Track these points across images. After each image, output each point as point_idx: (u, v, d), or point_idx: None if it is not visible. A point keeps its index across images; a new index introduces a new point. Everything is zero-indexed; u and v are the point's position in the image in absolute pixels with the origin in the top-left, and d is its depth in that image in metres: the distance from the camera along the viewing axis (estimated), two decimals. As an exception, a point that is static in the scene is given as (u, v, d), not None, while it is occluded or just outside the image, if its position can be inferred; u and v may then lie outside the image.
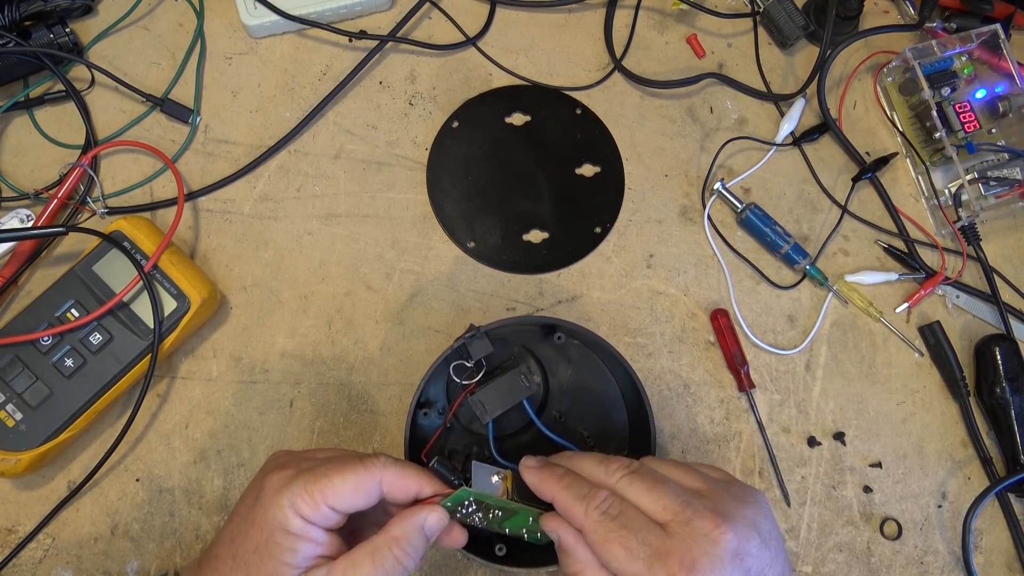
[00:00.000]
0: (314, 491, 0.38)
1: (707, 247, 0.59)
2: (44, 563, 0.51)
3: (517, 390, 0.47)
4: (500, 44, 0.62)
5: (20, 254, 0.54)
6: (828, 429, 0.57)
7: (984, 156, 0.60)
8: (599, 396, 0.52)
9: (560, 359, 0.52)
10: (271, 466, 0.41)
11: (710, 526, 0.37)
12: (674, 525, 0.37)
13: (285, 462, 0.40)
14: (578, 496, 0.39)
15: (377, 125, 0.60)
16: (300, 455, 0.42)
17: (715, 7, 0.64)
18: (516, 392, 0.47)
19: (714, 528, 0.37)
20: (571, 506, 0.39)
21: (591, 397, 0.52)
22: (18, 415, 0.49)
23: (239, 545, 0.39)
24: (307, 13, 0.59)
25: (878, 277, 0.59)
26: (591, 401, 0.52)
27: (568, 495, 0.39)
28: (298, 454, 0.42)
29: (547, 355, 0.52)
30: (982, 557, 0.55)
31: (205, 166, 0.58)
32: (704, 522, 0.37)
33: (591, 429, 0.52)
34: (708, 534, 0.37)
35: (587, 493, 0.39)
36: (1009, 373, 0.56)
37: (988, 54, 0.61)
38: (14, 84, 0.58)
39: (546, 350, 0.52)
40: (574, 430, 0.52)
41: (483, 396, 0.47)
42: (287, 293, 0.56)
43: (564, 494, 0.40)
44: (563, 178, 0.60)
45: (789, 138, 0.62)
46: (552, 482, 0.40)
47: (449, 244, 0.58)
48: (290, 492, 0.38)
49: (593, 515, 0.38)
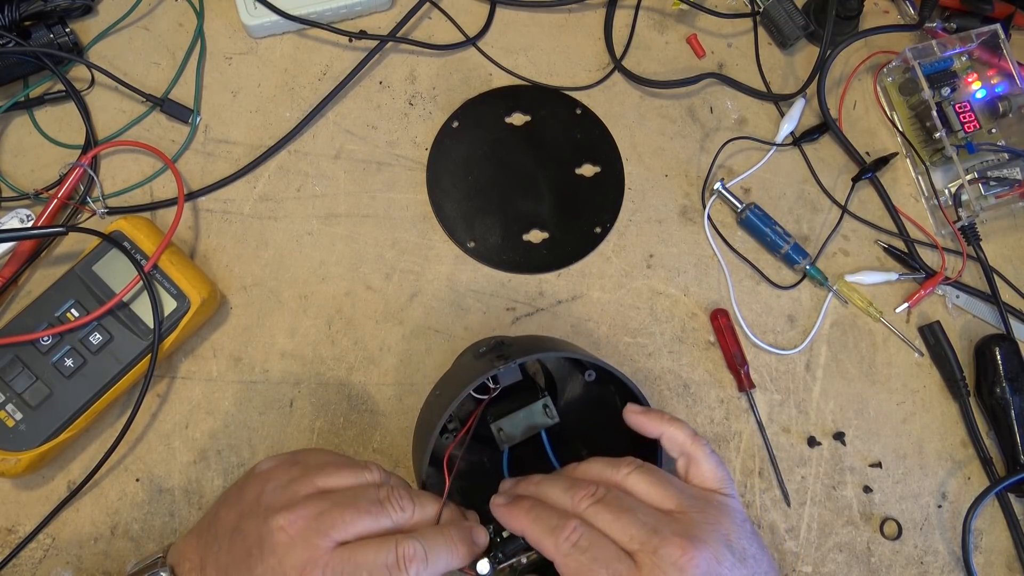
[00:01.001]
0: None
1: (707, 247, 0.59)
2: (44, 563, 0.51)
3: (538, 421, 0.47)
4: (500, 44, 0.62)
5: (20, 254, 0.54)
6: (828, 429, 0.57)
7: (984, 156, 0.60)
8: (613, 431, 0.49)
9: (583, 393, 0.51)
10: (303, 551, 0.37)
11: (677, 553, 0.37)
12: (641, 555, 0.37)
13: (318, 555, 0.37)
14: (547, 529, 0.39)
15: (377, 125, 0.60)
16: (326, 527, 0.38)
17: (715, 7, 0.64)
18: (537, 423, 0.46)
19: (681, 555, 0.37)
20: (541, 540, 0.39)
21: (604, 433, 0.50)
22: (18, 415, 0.49)
23: None
24: (307, 13, 0.59)
25: (878, 277, 0.59)
26: (604, 436, 0.50)
27: (537, 529, 0.39)
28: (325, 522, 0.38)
29: (570, 386, 0.51)
30: (982, 557, 0.55)
31: (205, 166, 0.58)
32: (671, 549, 0.37)
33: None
34: (676, 562, 0.37)
35: (555, 525, 0.39)
36: (1009, 373, 0.56)
37: (988, 54, 0.61)
38: (14, 84, 0.58)
39: (572, 382, 0.51)
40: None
41: (505, 424, 0.46)
42: (287, 293, 0.56)
43: (533, 528, 0.39)
44: (563, 178, 0.60)
45: (789, 138, 0.62)
46: (520, 516, 0.40)
47: (449, 244, 0.58)
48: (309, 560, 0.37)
49: (563, 548, 0.38)
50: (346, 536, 0.38)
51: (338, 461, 0.43)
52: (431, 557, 0.39)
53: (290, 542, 0.37)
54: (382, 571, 0.37)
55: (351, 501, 0.39)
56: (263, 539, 0.38)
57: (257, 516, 0.39)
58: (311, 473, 0.41)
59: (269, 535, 0.38)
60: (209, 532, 0.41)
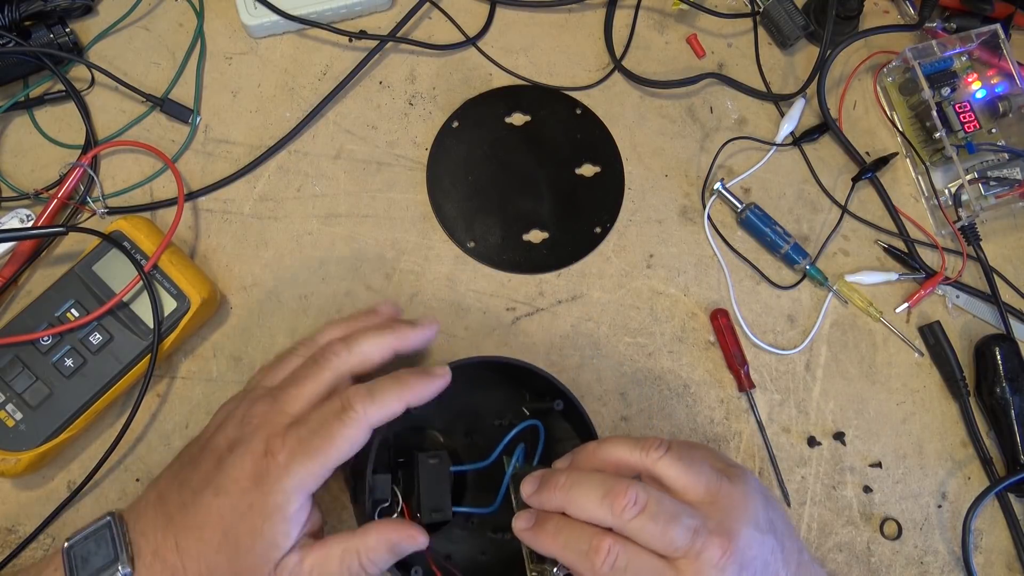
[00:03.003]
0: (317, 471, 0.39)
1: (707, 247, 0.59)
2: (44, 563, 0.51)
3: (440, 472, 0.45)
4: (500, 44, 0.62)
5: (20, 254, 0.54)
6: (828, 429, 0.57)
7: (984, 156, 0.60)
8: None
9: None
10: (263, 430, 0.41)
11: (717, 555, 0.38)
12: (683, 562, 0.38)
13: (276, 430, 0.41)
14: (580, 554, 0.38)
15: (377, 125, 0.60)
16: (280, 406, 0.42)
17: (715, 7, 0.64)
18: (441, 474, 0.45)
19: (721, 556, 0.38)
20: (576, 566, 0.38)
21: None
22: (18, 415, 0.49)
23: (231, 523, 0.39)
24: (307, 13, 0.59)
25: (878, 277, 0.59)
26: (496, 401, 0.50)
27: (570, 555, 0.39)
28: (279, 404, 0.42)
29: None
30: (982, 557, 0.55)
31: (205, 166, 0.58)
32: (712, 552, 0.38)
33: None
34: (716, 563, 0.37)
35: (588, 549, 0.38)
36: (1009, 373, 0.56)
37: (988, 54, 0.61)
38: (14, 84, 0.58)
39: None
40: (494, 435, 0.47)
41: (428, 502, 0.44)
42: (287, 293, 0.56)
43: (565, 554, 0.39)
44: (563, 178, 0.60)
45: (789, 138, 0.62)
46: (548, 541, 0.40)
47: (449, 244, 0.58)
48: (292, 478, 0.39)
49: (603, 571, 0.37)
50: (299, 406, 0.42)
51: (272, 362, 0.47)
52: (377, 393, 0.41)
53: (254, 430, 0.41)
54: (331, 419, 0.40)
55: (293, 378, 0.43)
56: (233, 440, 0.41)
57: (224, 430, 0.42)
58: (255, 384, 0.46)
59: (239, 433, 0.41)
60: (169, 471, 0.44)
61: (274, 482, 0.39)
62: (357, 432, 0.40)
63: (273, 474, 0.39)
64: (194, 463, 0.42)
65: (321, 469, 0.39)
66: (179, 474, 0.43)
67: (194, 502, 0.40)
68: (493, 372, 0.48)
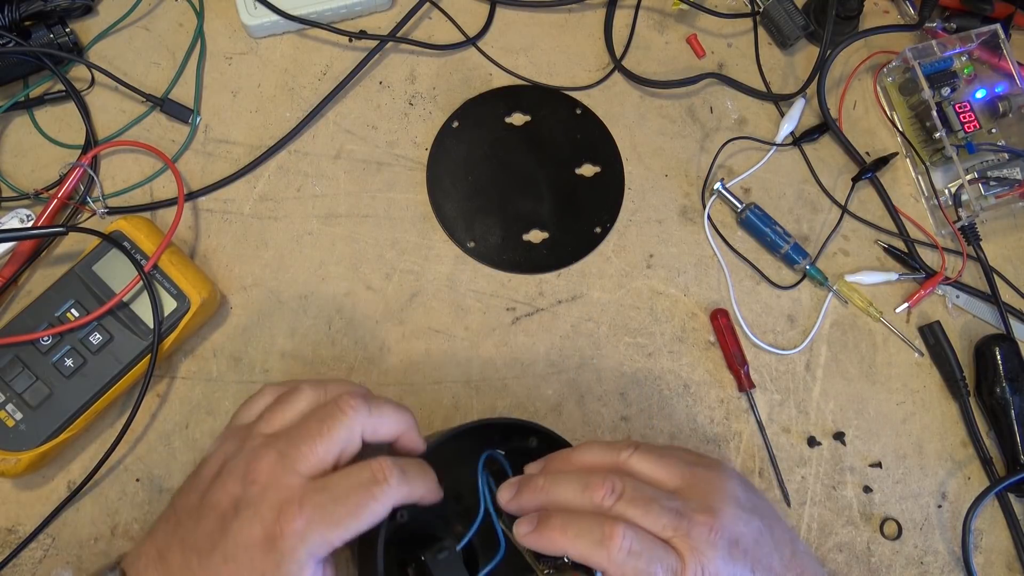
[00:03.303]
0: (334, 541, 0.37)
1: (707, 247, 0.59)
2: (44, 563, 0.51)
3: (454, 564, 0.42)
4: (500, 44, 0.62)
5: (20, 254, 0.54)
6: (828, 429, 0.57)
7: (984, 156, 0.60)
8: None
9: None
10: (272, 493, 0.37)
11: (706, 531, 0.38)
12: (676, 541, 0.38)
13: (289, 494, 0.37)
14: (594, 543, 0.38)
15: (377, 125, 0.60)
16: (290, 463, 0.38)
17: (715, 7, 0.64)
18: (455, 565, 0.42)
19: (710, 532, 0.38)
20: (591, 555, 0.38)
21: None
22: (18, 415, 0.49)
23: None
24: (307, 13, 0.59)
25: (878, 277, 0.59)
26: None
27: (582, 545, 0.38)
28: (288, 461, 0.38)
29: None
30: (982, 557, 0.55)
31: (205, 166, 0.58)
32: (700, 529, 0.38)
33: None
34: (706, 539, 0.38)
35: (602, 536, 0.38)
36: (1009, 373, 0.56)
37: (988, 54, 0.61)
38: (14, 84, 0.58)
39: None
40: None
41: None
42: (287, 293, 0.56)
43: (577, 545, 0.38)
44: (563, 178, 0.60)
45: (789, 138, 0.62)
46: (556, 537, 0.39)
47: (449, 244, 0.58)
48: (308, 547, 0.37)
49: (619, 558, 0.37)
50: (312, 465, 0.38)
51: (270, 404, 0.43)
52: (409, 474, 0.39)
53: (262, 490, 0.38)
54: (359, 491, 0.38)
55: (303, 432, 0.40)
56: (237, 498, 0.38)
57: (223, 484, 0.39)
58: (253, 428, 0.41)
59: (243, 491, 0.38)
60: (167, 524, 0.40)
61: (288, 550, 0.36)
62: (384, 508, 0.38)
63: (288, 542, 0.36)
64: (194, 519, 0.39)
65: (340, 539, 0.37)
66: (178, 530, 0.40)
67: (201, 568, 0.38)
68: (465, 436, 0.46)
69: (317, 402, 0.42)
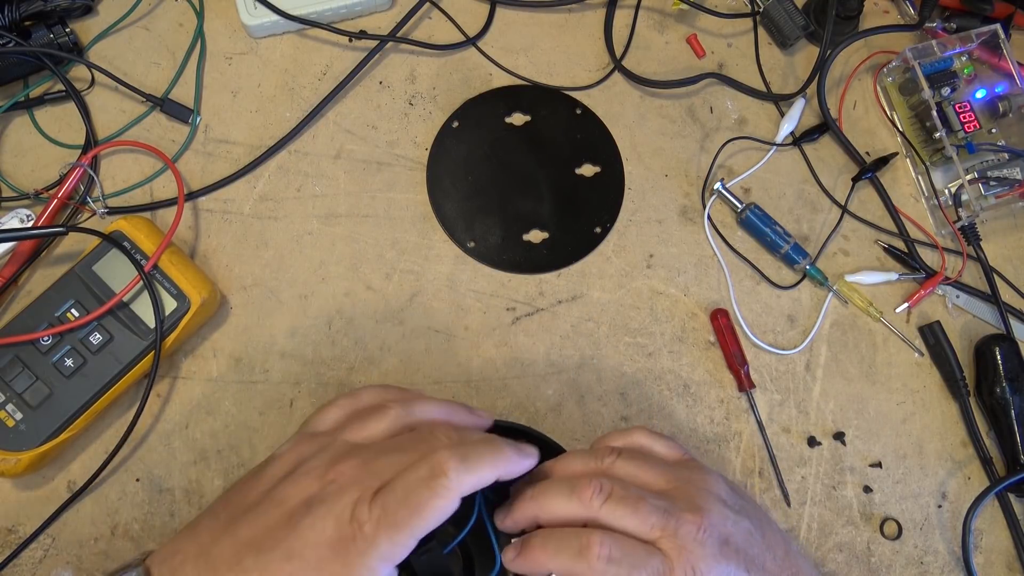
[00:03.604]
0: (404, 544, 0.35)
1: (707, 247, 0.59)
2: (44, 563, 0.51)
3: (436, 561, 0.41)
4: (500, 44, 0.62)
5: (20, 254, 0.54)
6: (828, 429, 0.57)
7: (984, 156, 0.60)
8: None
9: None
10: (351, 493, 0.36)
11: (693, 529, 0.38)
12: (663, 541, 0.38)
13: (366, 495, 0.35)
14: (573, 555, 0.37)
15: (377, 125, 0.60)
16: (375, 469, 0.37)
17: (715, 7, 0.64)
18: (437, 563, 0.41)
19: (698, 530, 0.38)
20: (573, 567, 0.37)
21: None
22: (18, 415, 0.49)
23: None
24: (307, 13, 0.59)
25: (878, 277, 0.59)
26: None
27: (563, 559, 0.37)
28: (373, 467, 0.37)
29: None
30: (982, 557, 0.55)
31: (205, 166, 0.58)
32: (688, 528, 0.38)
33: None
34: (695, 537, 0.38)
35: (579, 547, 0.37)
36: (1009, 373, 0.56)
37: (988, 54, 0.61)
38: (14, 84, 0.58)
39: None
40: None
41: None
42: (287, 293, 0.56)
43: (558, 559, 0.38)
44: (563, 178, 0.60)
45: (789, 138, 0.62)
46: (539, 556, 0.38)
47: (449, 244, 0.58)
48: (379, 553, 0.34)
49: (599, 567, 0.37)
50: (394, 474, 0.36)
51: (350, 415, 0.42)
52: (471, 460, 0.36)
53: (340, 490, 0.36)
54: (419, 488, 0.35)
55: (393, 446, 0.38)
56: (312, 496, 0.36)
57: (296, 482, 0.37)
58: (335, 435, 0.40)
59: (320, 490, 0.36)
60: (214, 520, 0.38)
61: (360, 555, 0.34)
62: (448, 503, 0.36)
63: (359, 547, 0.34)
64: (254, 515, 0.37)
65: (408, 541, 0.35)
66: (231, 526, 0.37)
67: (257, 565, 0.35)
68: None
69: (402, 424, 0.40)
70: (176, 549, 0.38)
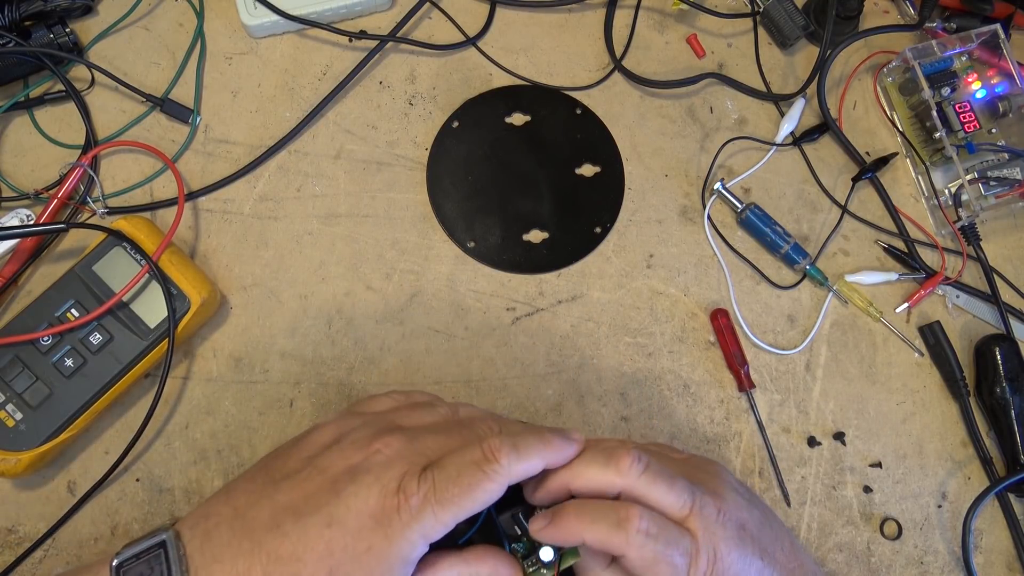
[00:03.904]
0: (448, 522, 0.35)
1: (707, 247, 0.59)
2: (44, 563, 0.51)
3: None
4: (500, 44, 0.62)
5: (20, 254, 0.54)
6: (828, 429, 0.57)
7: (984, 156, 0.60)
8: None
9: None
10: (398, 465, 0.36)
11: (715, 512, 0.38)
12: (690, 520, 0.38)
13: (413, 469, 0.36)
14: (612, 525, 0.37)
15: (377, 125, 0.60)
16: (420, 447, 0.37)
17: (715, 7, 0.64)
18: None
19: (718, 513, 0.38)
20: (609, 538, 0.37)
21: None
22: (18, 415, 0.49)
23: (340, 563, 0.34)
24: (307, 13, 0.59)
25: (878, 277, 0.59)
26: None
27: (600, 529, 0.37)
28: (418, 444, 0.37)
29: None
30: (982, 557, 0.55)
31: (205, 166, 0.58)
32: (711, 509, 0.38)
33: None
34: (717, 519, 0.38)
35: (619, 519, 0.37)
36: (1009, 373, 0.56)
37: (988, 54, 0.61)
38: (14, 84, 0.58)
39: None
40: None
41: None
42: (287, 293, 0.56)
43: (594, 529, 0.37)
44: (563, 178, 0.60)
45: (789, 138, 0.62)
46: (572, 524, 0.37)
47: (449, 244, 0.58)
48: (422, 527, 0.35)
49: (637, 540, 0.36)
50: (439, 456, 0.37)
51: (401, 404, 0.42)
52: (522, 448, 0.36)
53: (387, 460, 0.36)
54: (471, 468, 0.35)
55: (439, 426, 0.39)
56: (355, 465, 0.36)
57: (341, 450, 0.37)
58: (384, 415, 0.40)
59: (363, 459, 0.36)
60: (251, 483, 0.38)
61: (402, 527, 0.34)
62: (497, 487, 0.36)
63: (403, 518, 0.34)
64: (292, 480, 0.37)
65: (452, 520, 0.35)
66: (269, 489, 0.37)
67: (296, 529, 0.35)
68: None
69: (449, 419, 0.41)
70: (209, 512, 0.37)
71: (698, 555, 0.37)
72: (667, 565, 0.36)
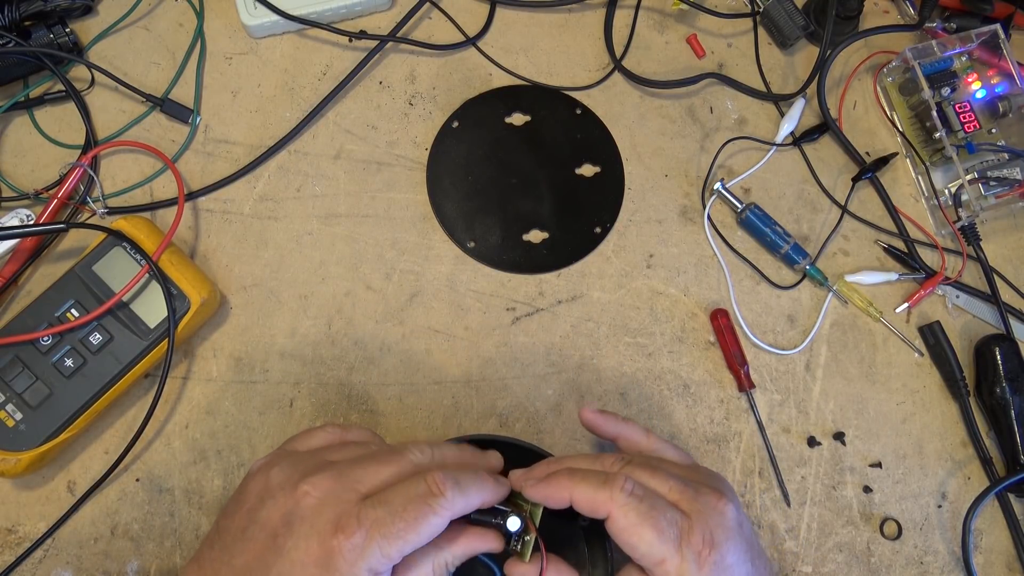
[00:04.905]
0: (393, 556, 0.36)
1: (707, 247, 0.59)
2: (44, 563, 0.51)
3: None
4: (500, 44, 0.62)
5: (20, 254, 0.54)
6: (828, 429, 0.57)
7: (984, 156, 0.60)
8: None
9: None
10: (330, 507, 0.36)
11: (714, 500, 0.39)
12: (684, 503, 0.38)
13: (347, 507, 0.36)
14: (598, 484, 0.38)
15: (377, 125, 0.60)
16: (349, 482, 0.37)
17: (715, 7, 0.64)
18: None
19: (718, 501, 0.39)
20: (595, 496, 0.38)
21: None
22: (18, 415, 0.49)
23: None
24: (307, 13, 0.59)
25: (878, 277, 0.59)
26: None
27: (586, 487, 0.38)
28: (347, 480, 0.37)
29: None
30: (982, 557, 0.55)
31: (205, 166, 0.58)
32: (709, 497, 0.39)
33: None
34: (715, 507, 0.39)
35: (605, 480, 0.38)
36: (1009, 373, 0.56)
37: (988, 54, 0.61)
38: (14, 84, 0.58)
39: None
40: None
41: None
42: (287, 293, 0.56)
43: (583, 486, 0.38)
44: (563, 178, 0.60)
45: (789, 138, 0.62)
46: (563, 483, 0.39)
47: (449, 244, 0.58)
48: (367, 563, 0.35)
49: (620, 498, 0.37)
50: (372, 487, 0.37)
51: (333, 441, 0.42)
52: (463, 484, 0.37)
53: (318, 504, 0.36)
54: (417, 503, 0.36)
55: (368, 456, 0.39)
56: (289, 512, 0.36)
57: (273, 499, 0.37)
58: (315, 454, 0.40)
59: (295, 505, 0.36)
60: (211, 550, 0.39)
61: (349, 567, 0.35)
62: (442, 521, 0.36)
63: (348, 558, 0.35)
64: (242, 541, 0.37)
65: (399, 554, 0.36)
66: (225, 555, 0.38)
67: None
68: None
69: (384, 446, 0.41)
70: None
71: (691, 531, 0.37)
72: (652, 529, 0.37)
